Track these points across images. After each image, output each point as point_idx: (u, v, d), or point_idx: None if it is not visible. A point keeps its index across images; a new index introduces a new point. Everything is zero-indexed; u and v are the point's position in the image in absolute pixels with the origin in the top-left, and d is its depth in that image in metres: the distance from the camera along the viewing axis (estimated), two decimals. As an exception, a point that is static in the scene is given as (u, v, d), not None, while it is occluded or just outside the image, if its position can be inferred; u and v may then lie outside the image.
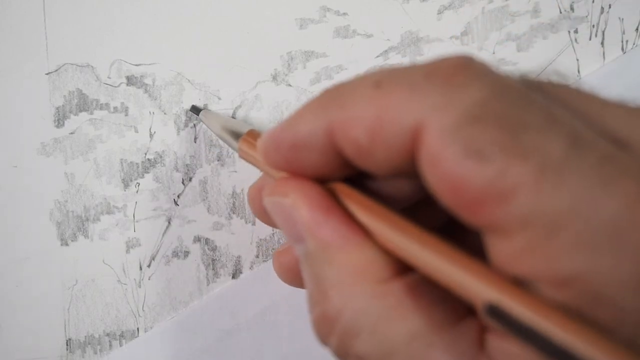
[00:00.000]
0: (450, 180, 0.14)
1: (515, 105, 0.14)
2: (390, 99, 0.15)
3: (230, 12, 0.40)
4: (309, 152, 0.17)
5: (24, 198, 0.39)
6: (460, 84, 0.14)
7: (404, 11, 0.40)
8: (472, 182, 0.13)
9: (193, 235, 0.39)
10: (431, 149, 0.14)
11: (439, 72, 0.14)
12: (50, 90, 0.39)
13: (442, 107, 0.14)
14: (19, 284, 0.38)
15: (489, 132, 0.13)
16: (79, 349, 0.38)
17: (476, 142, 0.13)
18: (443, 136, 0.14)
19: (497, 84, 0.14)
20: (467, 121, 0.13)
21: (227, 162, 0.39)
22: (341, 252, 0.16)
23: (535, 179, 0.13)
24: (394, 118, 0.14)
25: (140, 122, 0.39)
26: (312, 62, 0.40)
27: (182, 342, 0.38)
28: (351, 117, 0.15)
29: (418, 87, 0.14)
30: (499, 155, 0.13)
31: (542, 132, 0.13)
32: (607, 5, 0.39)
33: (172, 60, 0.40)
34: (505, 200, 0.13)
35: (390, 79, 0.15)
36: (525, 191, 0.13)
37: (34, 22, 0.39)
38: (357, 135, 0.15)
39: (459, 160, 0.13)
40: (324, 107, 0.16)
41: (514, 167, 0.13)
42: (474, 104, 0.13)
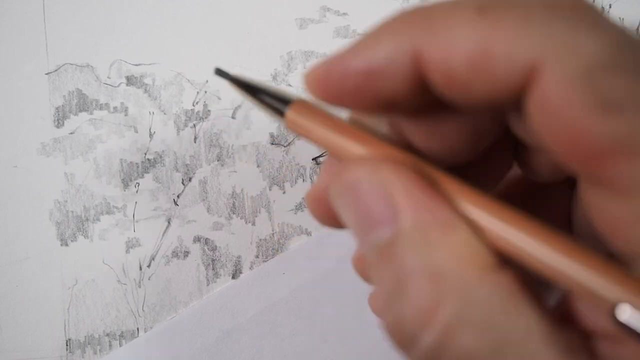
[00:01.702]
0: (571, 130, 0.12)
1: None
2: (500, 29, 0.12)
3: (230, 12, 0.40)
4: (385, 82, 0.14)
5: (24, 198, 0.39)
6: (588, 25, 0.12)
7: (404, 11, 0.40)
8: (599, 134, 0.12)
9: (193, 235, 0.39)
10: (552, 95, 0.12)
11: (564, 5, 0.12)
12: (50, 90, 0.39)
13: (569, 48, 0.12)
14: (19, 284, 0.38)
15: (625, 82, 0.11)
16: (78, 349, 0.38)
17: (609, 92, 0.11)
18: (570, 82, 0.12)
19: (623, 32, 0.12)
20: (599, 68, 0.12)
21: (227, 162, 0.39)
22: (446, 233, 0.13)
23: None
24: (505, 53, 0.12)
25: (140, 122, 0.39)
26: (312, 62, 0.40)
27: (182, 342, 0.38)
28: (448, 45, 0.13)
29: (537, 19, 0.12)
30: (635, 107, 0.11)
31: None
32: (607, 5, 0.39)
33: (172, 60, 0.40)
34: (632, 158, 0.11)
35: (500, 4, 0.13)
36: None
37: (34, 22, 0.39)
38: (455, 66, 0.13)
39: (587, 110, 0.12)
40: (409, 29, 0.14)
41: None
42: (606, 50, 0.12)
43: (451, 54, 0.13)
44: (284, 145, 0.39)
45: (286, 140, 0.39)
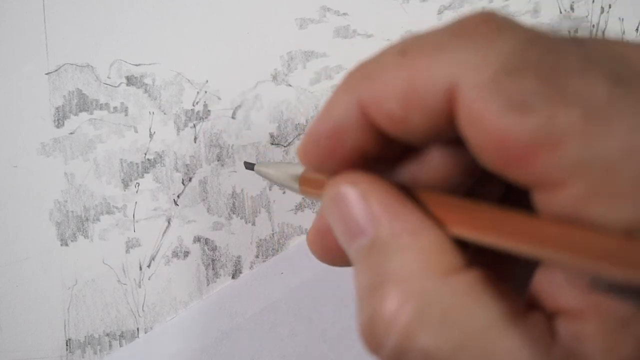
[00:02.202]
0: (494, 136, 0.13)
1: (550, 52, 0.13)
2: (418, 63, 0.14)
3: (230, 12, 0.40)
4: (347, 135, 0.16)
5: (24, 198, 0.39)
6: (490, 37, 0.13)
7: (404, 11, 0.40)
8: (518, 134, 0.13)
9: (193, 235, 0.39)
10: (469, 107, 0.13)
11: (465, 29, 0.14)
12: (50, 90, 0.39)
13: (474, 62, 0.13)
14: (19, 284, 0.38)
15: (529, 82, 0.13)
16: (78, 349, 0.38)
17: (516, 94, 0.13)
18: (480, 92, 0.13)
19: (527, 33, 0.14)
20: (504, 73, 0.13)
21: (227, 162, 0.39)
22: (414, 240, 0.15)
23: (584, 124, 0.12)
24: (425, 82, 0.14)
25: (140, 122, 0.39)
26: (312, 62, 0.40)
27: (181, 342, 0.38)
28: (381, 89, 0.15)
29: (446, 47, 0.14)
30: (543, 103, 0.12)
31: (583, 75, 0.13)
32: (607, 5, 0.39)
33: (172, 60, 0.40)
34: (555, 149, 0.12)
35: (415, 44, 0.15)
36: (575, 137, 0.12)
37: (34, 22, 0.39)
38: (389, 106, 0.15)
39: (500, 114, 0.13)
40: (352, 86, 0.16)
41: (559, 114, 0.12)
42: (507, 55, 0.13)
43: (385, 96, 0.15)
44: (284, 146, 0.39)
45: (286, 140, 0.39)
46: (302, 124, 0.39)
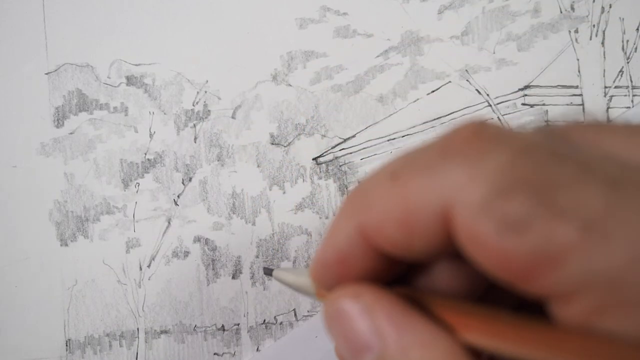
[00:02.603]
0: (494, 255, 0.13)
1: (541, 164, 0.13)
2: (410, 188, 0.14)
3: (230, 12, 0.40)
4: (355, 261, 0.16)
5: (24, 198, 0.39)
6: (478, 154, 0.13)
7: (404, 11, 0.40)
8: (516, 254, 0.12)
9: (193, 235, 0.39)
10: (465, 229, 0.13)
11: (454, 147, 0.14)
12: (50, 90, 0.39)
13: (466, 183, 0.13)
14: (19, 284, 0.38)
15: (521, 200, 0.12)
16: (78, 349, 0.38)
17: (510, 214, 0.12)
18: (474, 214, 0.13)
19: (516, 145, 0.13)
20: (495, 193, 0.13)
21: (227, 162, 0.39)
22: (425, 353, 0.14)
23: (582, 238, 0.12)
24: (419, 206, 0.14)
25: (140, 122, 0.39)
26: (312, 62, 0.40)
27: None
28: (378, 216, 0.15)
29: (436, 169, 0.14)
30: (537, 222, 0.12)
31: (577, 186, 0.12)
32: (607, 5, 0.39)
33: (172, 60, 0.40)
34: (556, 266, 0.12)
35: (405, 167, 0.14)
36: (575, 252, 0.12)
37: (34, 22, 0.39)
38: (389, 232, 0.15)
39: (497, 235, 0.13)
40: (351, 213, 0.16)
41: (556, 230, 0.12)
42: (497, 173, 0.13)
43: (383, 224, 0.15)
44: (284, 145, 0.39)
45: (286, 140, 0.39)
46: (302, 123, 0.39)
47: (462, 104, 0.39)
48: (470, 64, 0.39)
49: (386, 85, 0.39)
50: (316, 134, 0.39)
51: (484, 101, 0.39)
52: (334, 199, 0.39)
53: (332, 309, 0.16)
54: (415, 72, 0.39)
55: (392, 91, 0.39)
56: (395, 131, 0.39)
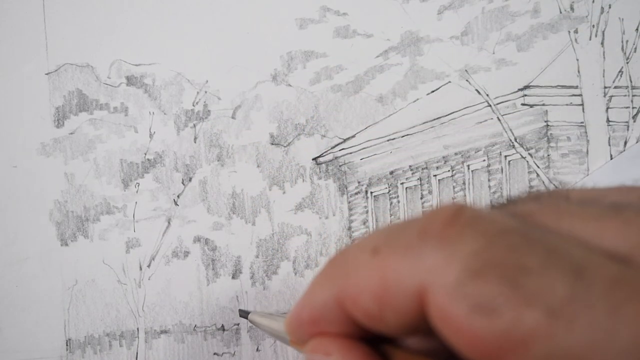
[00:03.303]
0: (465, 336, 0.14)
1: (511, 249, 0.14)
2: (388, 264, 0.15)
3: (230, 12, 0.40)
4: (327, 323, 0.17)
5: (24, 198, 0.39)
6: (453, 238, 0.14)
7: (404, 11, 0.40)
8: (486, 336, 0.13)
9: (193, 235, 0.39)
10: (439, 309, 0.14)
11: (431, 229, 0.15)
12: (50, 90, 0.39)
13: (440, 266, 0.14)
14: (19, 284, 0.38)
15: (491, 285, 0.13)
16: (78, 349, 0.38)
17: (480, 298, 0.13)
18: (447, 295, 0.14)
19: (489, 230, 0.14)
20: (468, 277, 0.13)
21: (227, 162, 0.39)
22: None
23: (546, 323, 0.13)
24: (397, 283, 0.15)
25: (140, 122, 0.39)
26: (312, 62, 0.40)
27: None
28: (355, 286, 0.16)
29: (414, 249, 0.14)
30: (506, 306, 0.13)
31: (544, 273, 0.13)
32: (607, 5, 0.39)
33: (172, 60, 0.40)
34: (521, 349, 0.13)
35: (386, 243, 0.15)
36: (539, 337, 0.13)
37: (34, 22, 0.39)
38: (364, 303, 0.15)
39: (468, 317, 0.13)
40: (330, 279, 0.17)
41: (522, 315, 0.13)
42: (470, 257, 0.14)
43: (359, 294, 0.15)
44: (284, 146, 0.39)
45: (286, 140, 0.39)
46: (302, 124, 0.39)
47: (462, 104, 0.39)
48: (470, 64, 0.39)
49: (386, 86, 0.39)
50: (316, 134, 0.39)
51: (483, 101, 0.39)
52: (334, 199, 0.39)
53: (310, 359, 0.17)
54: (415, 72, 0.39)
55: (391, 91, 0.39)
56: (395, 131, 0.39)
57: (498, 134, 0.39)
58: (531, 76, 0.39)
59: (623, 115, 0.39)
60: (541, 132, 0.39)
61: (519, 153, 0.39)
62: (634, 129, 0.39)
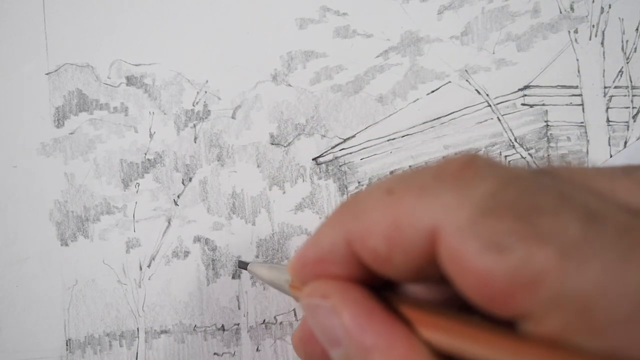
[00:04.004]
0: (474, 275, 0.13)
1: (526, 191, 0.14)
2: (402, 204, 0.15)
3: (230, 12, 0.40)
4: (332, 265, 0.17)
5: (24, 198, 0.39)
6: (469, 180, 0.14)
7: (404, 11, 0.40)
8: (496, 274, 0.13)
9: (193, 235, 0.39)
10: (450, 248, 0.14)
11: (447, 172, 0.15)
12: (50, 90, 0.39)
13: (454, 205, 0.14)
14: (19, 284, 0.38)
15: (505, 223, 0.13)
16: (79, 349, 0.38)
17: (493, 235, 0.13)
18: (460, 233, 0.14)
19: (504, 174, 0.14)
20: (481, 215, 0.13)
21: (227, 162, 0.39)
22: (386, 354, 0.15)
23: (558, 263, 0.13)
24: (409, 223, 0.15)
25: (140, 122, 0.39)
26: (312, 62, 0.40)
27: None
28: (367, 226, 0.15)
29: (428, 190, 0.15)
30: (518, 244, 0.13)
31: (557, 214, 0.13)
32: (607, 5, 0.39)
33: (172, 60, 0.40)
34: (532, 288, 0.13)
35: (401, 184, 0.15)
36: (550, 276, 0.13)
37: (34, 22, 0.39)
38: (374, 243, 0.15)
39: (480, 255, 0.13)
40: (340, 220, 0.16)
41: (535, 254, 0.13)
42: (485, 197, 0.14)
43: (370, 234, 0.15)
44: (284, 145, 0.39)
45: (286, 140, 0.39)
46: (302, 123, 0.39)
47: (462, 104, 0.39)
48: (469, 64, 0.39)
49: (386, 86, 0.39)
50: (316, 134, 0.39)
51: (483, 101, 0.39)
52: (334, 199, 0.39)
53: (307, 303, 0.17)
54: (415, 72, 0.39)
55: (391, 91, 0.39)
56: (395, 131, 0.39)
57: (498, 134, 0.39)
58: (531, 76, 0.39)
59: (623, 115, 0.39)
60: (541, 132, 0.39)
61: (519, 153, 0.39)
62: (634, 129, 0.39)
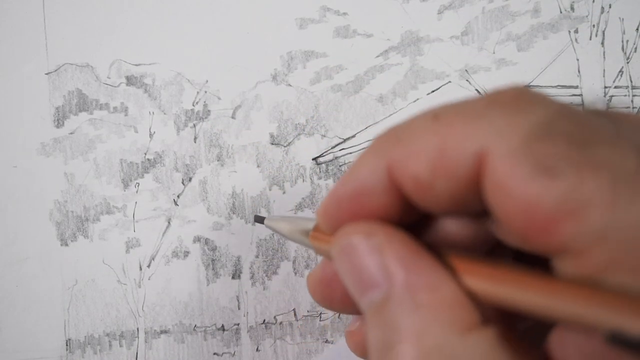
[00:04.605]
0: (520, 201, 0.13)
1: (581, 123, 0.13)
2: (450, 128, 0.14)
3: (230, 12, 0.40)
4: (370, 198, 0.16)
5: (24, 198, 0.39)
6: (523, 107, 0.14)
7: (404, 11, 0.40)
8: (544, 200, 0.13)
9: (193, 235, 0.39)
10: (498, 172, 0.13)
11: (499, 100, 0.14)
12: (50, 90, 0.39)
13: (506, 129, 0.13)
14: (19, 284, 0.38)
15: (558, 147, 0.13)
16: (78, 349, 0.38)
17: (546, 158, 0.13)
18: (510, 157, 0.13)
19: (559, 106, 0.14)
20: (535, 139, 0.13)
21: (227, 162, 0.39)
22: (431, 295, 0.15)
23: (610, 193, 0.12)
24: (456, 147, 0.14)
25: (140, 122, 0.39)
26: (312, 62, 0.40)
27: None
28: (411, 151, 0.15)
29: (479, 115, 0.14)
30: (571, 170, 0.12)
31: (612, 146, 0.13)
32: (607, 5, 0.39)
33: (172, 60, 0.40)
34: (580, 216, 0.12)
35: (449, 110, 0.15)
36: (600, 206, 0.12)
37: (34, 22, 0.39)
38: (417, 169, 0.15)
39: (529, 178, 0.13)
40: (382, 148, 0.16)
41: (587, 181, 0.12)
42: (539, 123, 0.13)
43: (414, 159, 0.15)
44: (284, 145, 0.39)
45: (286, 140, 0.39)
46: (302, 123, 0.39)
47: (462, 104, 0.39)
48: (470, 64, 0.39)
49: (386, 85, 0.39)
50: (316, 134, 0.39)
51: (483, 101, 0.39)
52: (334, 199, 0.39)
53: (342, 244, 0.16)
54: (415, 72, 0.39)
55: (392, 91, 0.39)
56: (395, 131, 0.39)
57: (498, 134, 0.39)
58: (531, 76, 0.39)
59: (623, 115, 0.39)
60: (541, 132, 0.39)
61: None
62: (634, 129, 0.39)
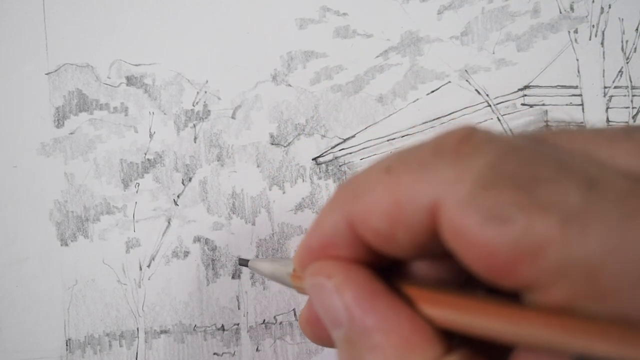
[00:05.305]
0: (477, 248, 0.13)
1: (524, 163, 0.14)
2: (402, 181, 0.15)
3: (230, 12, 0.40)
4: (337, 248, 0.17)
5: (24, 198, 0.39)
6: (468, 153, 0.14)
7: (404, 11, 0.40)
8: (498, 245, 0.13)
9: (193, 235, 0.39)
10: (451, 222, 0.14)
11: (445, 147, 0.15)
12: (50, 91, 0.39)
13: (454, 179, 0.14)
14: (19, 284, 0.38)
15: (505, 194, 0.13)
16: (78, 349, 0.38)
17: (494, 207, 0.13)
18: (460, 207, 0.14)
19: (502, 146, 0.14)
20: (481, 188, 0.13)
21: (226, 162, 0.39)
22: (386, 338, 0.15)
23: (561, 231, 0.13)
24: (410, 200, 0.15)
25: (140, 122, 0.39)
26: (312, 62, 0.40)
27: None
28: (367, 206, 0.15)
29: (427, 165, 0.14)
30: (519, 214, 0.13)
31: (557, 183, 0.13)
32: (607, 5, 0.39)
33: (172, 60, 0.40)
34: (536, 257, 0.13)
35: (399, 161, 0.15)
36: (554, 244, 0.13)
37: (34, 22, 0.39)
38: (376, 222, 0.15)
39: (481, 227, 0.13)
40: (340, 203, 0.16)
41: (536, 223, 0.13)
42: (484, 170, 0.14)
43: (371, 213, 0.15)
44: (284, 146, 0.39)
45: (286, 140, 0.39)
46: (301, 123, 0.39)
47: (462, 104, 0.39)
48: (469, 64, 0.39)
49: (386, 86, 0.39)
50: (316, 134, 0.39)
51: (483, 101, 0.39)
52: (334, 199, 0.39)
53: (311, 283, 0.17)
54: (414, 72, 0.39)
55: (391, 91, 0.39)
56: (395, 131, 0.39)
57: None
58: (531, 76, 0.39)
59: (623, 115, 0.39)
60: (541, 132, 0.39)
61: (519, 153, 0.39)
62: (633, 129, 0.39)
